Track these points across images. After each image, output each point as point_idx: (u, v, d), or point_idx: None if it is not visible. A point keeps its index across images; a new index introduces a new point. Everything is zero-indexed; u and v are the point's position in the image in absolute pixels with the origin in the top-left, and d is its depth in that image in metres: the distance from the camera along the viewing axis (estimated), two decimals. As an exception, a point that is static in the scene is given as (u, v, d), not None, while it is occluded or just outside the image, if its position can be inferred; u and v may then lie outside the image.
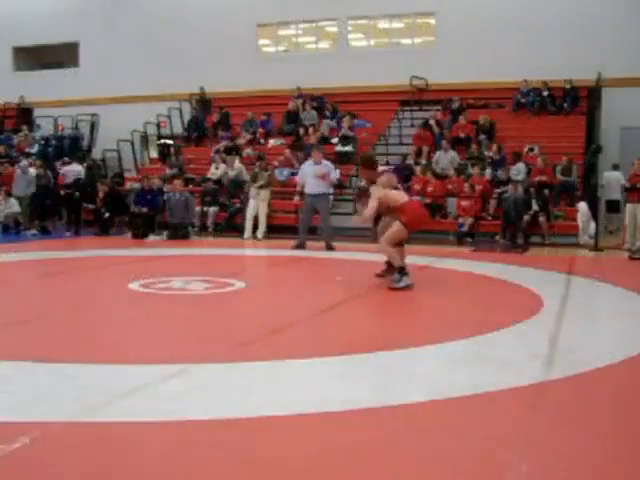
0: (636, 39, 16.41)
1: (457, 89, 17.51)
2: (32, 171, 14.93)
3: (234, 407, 3.46)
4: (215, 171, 15.68)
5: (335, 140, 16.83)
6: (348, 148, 16.10)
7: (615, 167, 14.77)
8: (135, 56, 20.88)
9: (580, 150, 15.24)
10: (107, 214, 14.11)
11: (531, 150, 15.42)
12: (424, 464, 2.87)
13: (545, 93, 16.82)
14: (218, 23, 20.00)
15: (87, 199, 14.55)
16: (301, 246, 11.45)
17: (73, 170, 14.52)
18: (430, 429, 3.28)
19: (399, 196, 7.54)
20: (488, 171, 14.38)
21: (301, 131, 17.56)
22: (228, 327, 5.50)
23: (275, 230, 13.99)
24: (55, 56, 22.69)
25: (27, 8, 22.06)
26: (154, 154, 19.69)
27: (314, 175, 11.52)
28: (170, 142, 19.25)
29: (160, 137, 19.74)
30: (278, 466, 2.80)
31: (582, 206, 12.80)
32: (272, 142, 17.68)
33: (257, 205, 13.38)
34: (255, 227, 13.41)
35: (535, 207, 12.97)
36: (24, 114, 22.09)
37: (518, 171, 14.11)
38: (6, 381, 3.80)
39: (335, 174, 12.38)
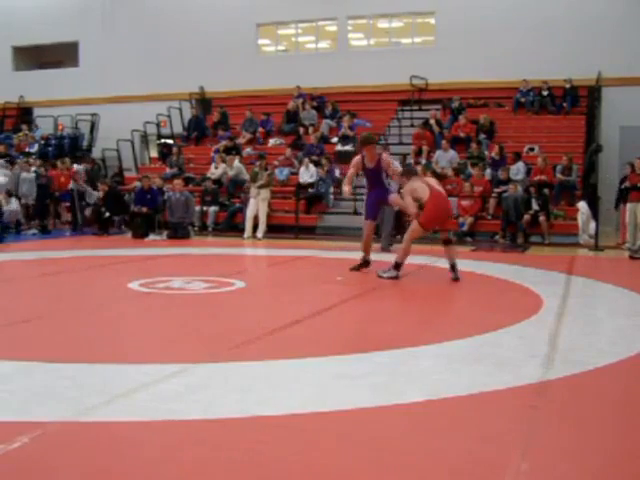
0: (636, 39, 16.42)
1: (457, 89, 17.51)
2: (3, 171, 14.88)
3: (233, 407, 3.46)
4: (214, 170, 15.68)
5: (335, 140, 16.85)
6: (348, 147, 16.09)
7: None
8: (135, 56, 20.87)
9: (580, 149, 15.24)
10: (107, 214, 14.11)
11: (531, 150, 15.42)
12: (423, 464, 2.87)
13: (545, 92, 16.81)
14: (218, 23, 19.99)
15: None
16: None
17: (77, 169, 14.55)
18: (429, 429, 3.28)
19: (422, 192, 7.97)
20: (488, 171, 14.38)
21: (301, 131, 17.57)
22: (228, 327, 5.50)
23: (275, 230, 13.99)
24: (55, 56, 22.68)
25: (27, 8, 22.05)
26: (154, 154, 19.69)
27: None
28: (170, 142, 19.24)
29: (160, 137, 19.72)
30: (277, 466, 2.80)
31: (582, 205, 12.80)
32: (272, 142, 17.69)
33: (257, 205, 13.39)
34: (255, 227, 13.42)
35: (535, 207, 12.97)
36: (24, 114, 22.08)
37: (517, 170, 14.11)
38: (6, 381, 3.81)
39: None
